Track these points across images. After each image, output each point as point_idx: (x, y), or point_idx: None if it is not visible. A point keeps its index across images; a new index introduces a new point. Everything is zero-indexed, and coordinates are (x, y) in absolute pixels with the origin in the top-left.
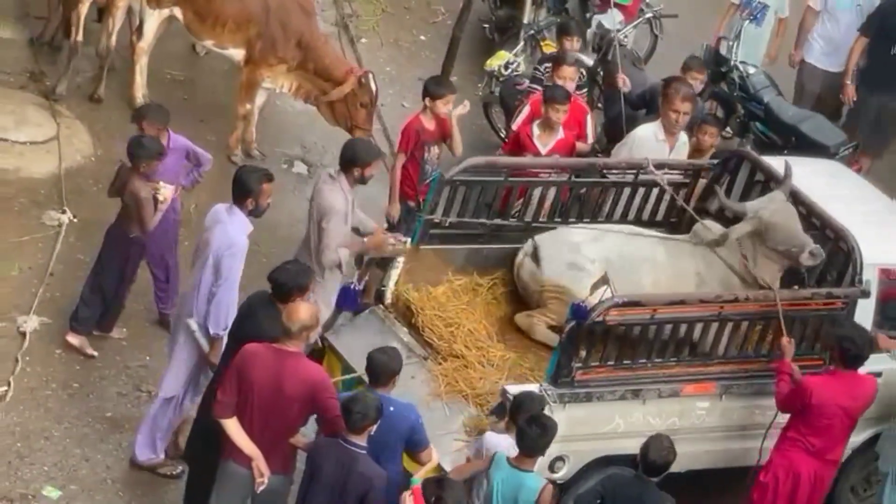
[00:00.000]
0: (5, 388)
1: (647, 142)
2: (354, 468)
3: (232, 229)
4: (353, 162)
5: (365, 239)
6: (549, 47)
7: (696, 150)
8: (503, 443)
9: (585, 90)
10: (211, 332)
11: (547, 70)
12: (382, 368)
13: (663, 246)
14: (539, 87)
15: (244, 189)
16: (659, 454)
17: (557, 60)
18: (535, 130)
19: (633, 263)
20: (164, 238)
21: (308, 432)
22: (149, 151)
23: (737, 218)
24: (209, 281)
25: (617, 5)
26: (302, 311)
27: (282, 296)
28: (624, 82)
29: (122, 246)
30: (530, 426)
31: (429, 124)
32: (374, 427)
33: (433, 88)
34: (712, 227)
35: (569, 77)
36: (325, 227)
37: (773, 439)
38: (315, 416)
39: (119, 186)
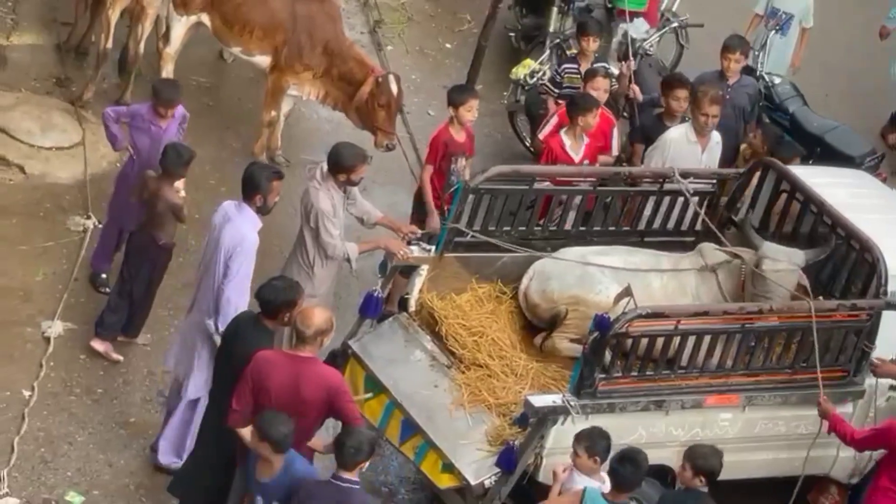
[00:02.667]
0: (29, 393)
1: (679, 144)
2: None
3: (243, 226)
4: (337, 167)
5: (380, 239)
6: None
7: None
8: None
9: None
10: (220, 329)
11: (567, 72)
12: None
13: (665, 259)
14: (555, 90)
15: (254, 186)
16: (708, 460)
17: (590, 73)
18: (566, 140)
19: (641, 270)
20: None
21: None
22: (184, 160)
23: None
24: (221, 279)
25: (632, 13)
26: (316, 315)
27: (270, 312)
28: (635, 92)
29: (151, 252)
30: (623, 464)
31: (457, 135)
32: (367, 464)
33: (454, 95)
34: (716, 252)
35: (602, 88)
36: (318, 228)
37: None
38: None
39: (148, 195)
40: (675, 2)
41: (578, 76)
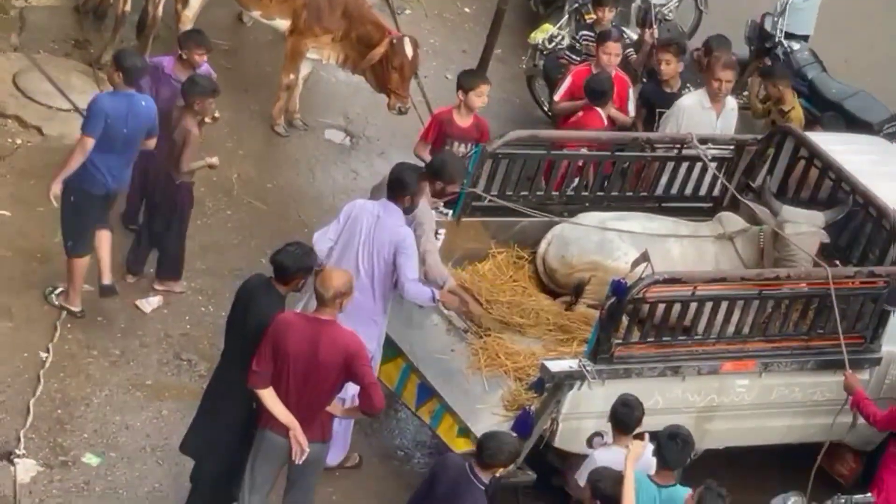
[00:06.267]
0: (46, 354)
1: (694, 111)
2: (462, 495)
3: (398, 226)
4: (437, 175)
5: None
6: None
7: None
8: (616, 457)
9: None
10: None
11: (585, 39)
12: None
13: (684, 226)
14: (576, 58)
15: (403, 187)
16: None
17: (602, 36)
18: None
19: (660, 237)
20: None
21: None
22: (203, 89)
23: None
24: (388, 283)
25: None
26: (335, 277)
27: (285, 278)
28: (651, 35)
29: (169, 190)
30: (672, 441)
31: (461, 120)
32: (502, 470)
33: (464, 80)
34: (734, 219)
35: (614, 53)
36: (426, 237)
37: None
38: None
39: (172, 124)
40: None
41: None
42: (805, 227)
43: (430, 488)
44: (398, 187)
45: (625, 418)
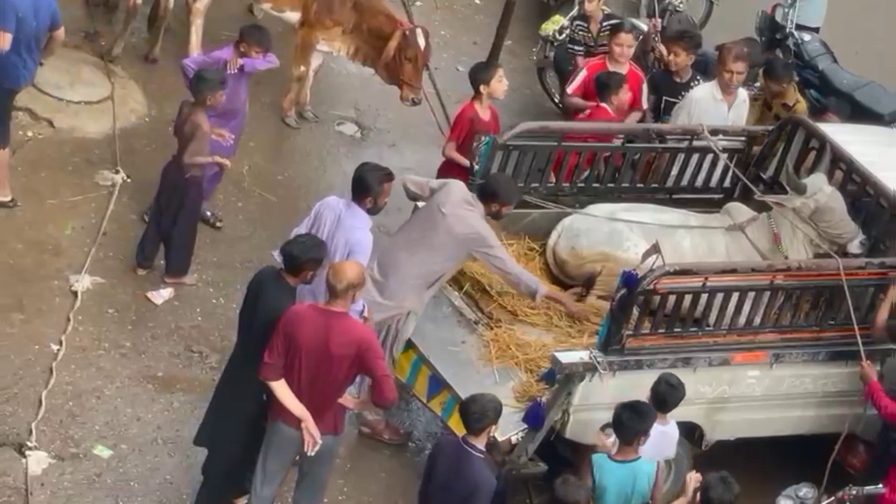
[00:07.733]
0: (57, 347)
1: (705, 102)
2: (464, 469)
3: (358, 230)
4: (494, 197)
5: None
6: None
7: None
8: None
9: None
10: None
11: (580, 29)
12: None
13: (694, 218)
14: (579, 48)
15: (365, 188)
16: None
17: (615, 28)
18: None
19: (670, 228)
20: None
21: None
22: (211, 84)
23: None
24: None
25: None
26: (348, 269)
27: (295, 269)
28: (655, 25)
29: (179, 186)
30: (633, 412)
31: (483, 114)
32: (495, 427)
33: (480, 73)
34: (741, 209)
35: (626, 44)
36: (498, 255)
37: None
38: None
39: (182, 121)
40: None
41: (590, 34)
42: (829, 188)
43: (432, 472)
44: (360, 189)
45: (668, 397)
